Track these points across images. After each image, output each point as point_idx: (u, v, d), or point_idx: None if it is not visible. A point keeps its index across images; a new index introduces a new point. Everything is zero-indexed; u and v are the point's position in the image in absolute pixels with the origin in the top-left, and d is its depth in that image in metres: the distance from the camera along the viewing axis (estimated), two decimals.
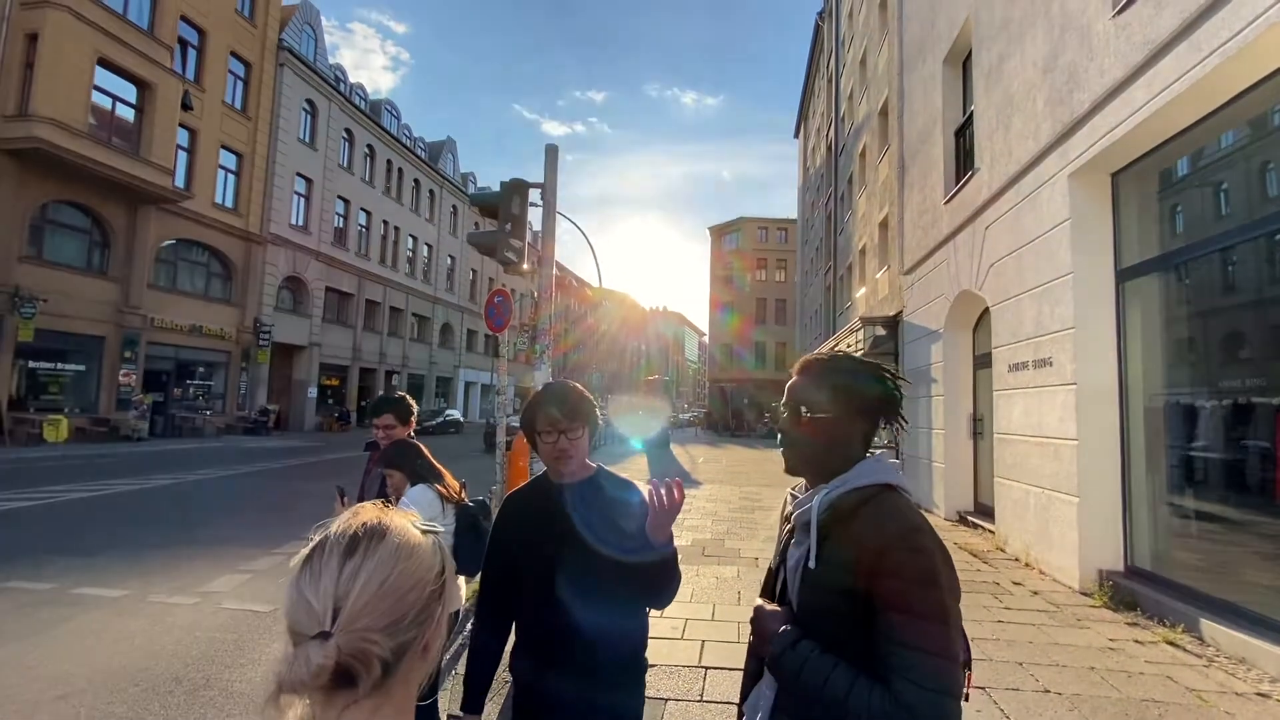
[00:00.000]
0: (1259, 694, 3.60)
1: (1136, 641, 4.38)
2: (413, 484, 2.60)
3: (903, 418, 1.23)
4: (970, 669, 1.24)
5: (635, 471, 14.49)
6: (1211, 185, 5.21)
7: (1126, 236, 5.83)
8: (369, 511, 0.72)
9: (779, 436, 1.26)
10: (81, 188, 17.10)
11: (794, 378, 1.26)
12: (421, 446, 2.74)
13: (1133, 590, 5.16)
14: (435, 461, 2.72)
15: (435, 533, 0.75)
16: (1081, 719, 3.28)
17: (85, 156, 16.17)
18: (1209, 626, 4.34)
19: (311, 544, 0.69)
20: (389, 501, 0.81)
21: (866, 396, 1.19)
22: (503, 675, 3.76)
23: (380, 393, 29.80)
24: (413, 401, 3.26)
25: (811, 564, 1.12)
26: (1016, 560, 6.75)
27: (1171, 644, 4.32)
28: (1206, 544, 5.10)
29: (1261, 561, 4.60)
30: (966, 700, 1.21)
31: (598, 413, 1.74)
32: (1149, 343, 5.65)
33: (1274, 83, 4.24)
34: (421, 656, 0.69)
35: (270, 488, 11.41)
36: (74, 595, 5.00)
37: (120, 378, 18.31)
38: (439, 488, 2.60)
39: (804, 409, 1.20)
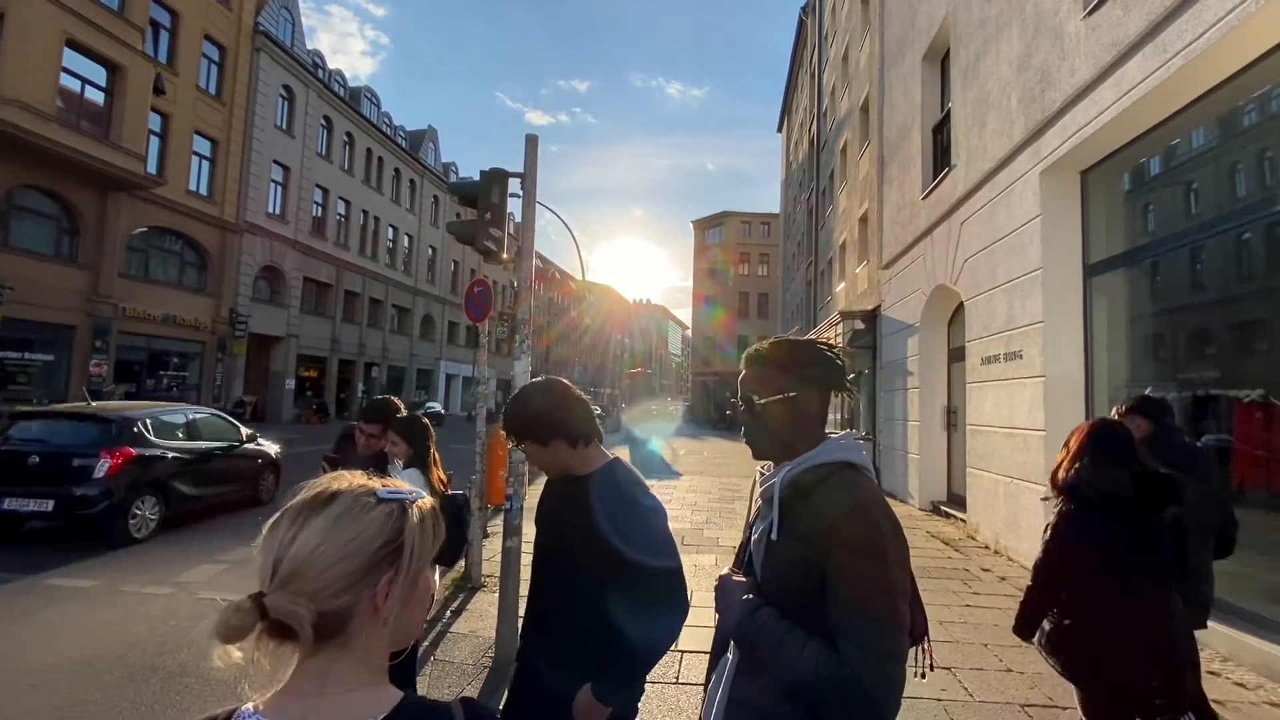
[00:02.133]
0: (1210, 672, 3.76)
1: None
2: (409, 464, 2.63)
3: (849, 388, 1.30)
4: (929, 640, 1.31)
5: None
6: (1175, 184, 5.37)
7: (1094, 233, 6.00)
8: (329, 480, 0.76)
9: (742, 428, 1.33)
10: (49, 172, 16.63)
11: (742, 372, 1.33)
12: (432, 432, 2.77)
13: None
14: (437, 452, 2.77)
15: (411, 502, 0.77)
16: (1040, 695, 3.41)
17: (53, 140, 15.72)
18: None
19: (282, 507, 0.74)
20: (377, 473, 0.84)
21: (809, 375, 1.25)
22: (483, 660, 3.81)
23: (361, 385, 29.22)
24: (402, 409, 3.15)
25: (774, 536, 1.17)
26: (986, 548, 6.93)
27: None
28: None
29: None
30: (930, 671, 1.30)
31: (569, 418, 1.69)
32: (1114, 336, 5.83)
33: (1234, 85, 4.39)
34: (373, 618, 0.72)
35: None
36: (46, 586, 4.94)
37: (91, 368, 17.91)
38: (432, 477, 2.65)
39: (755, 398, 1.27)
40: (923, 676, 1.30)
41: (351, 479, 0.77)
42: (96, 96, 17.51)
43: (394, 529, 0.73)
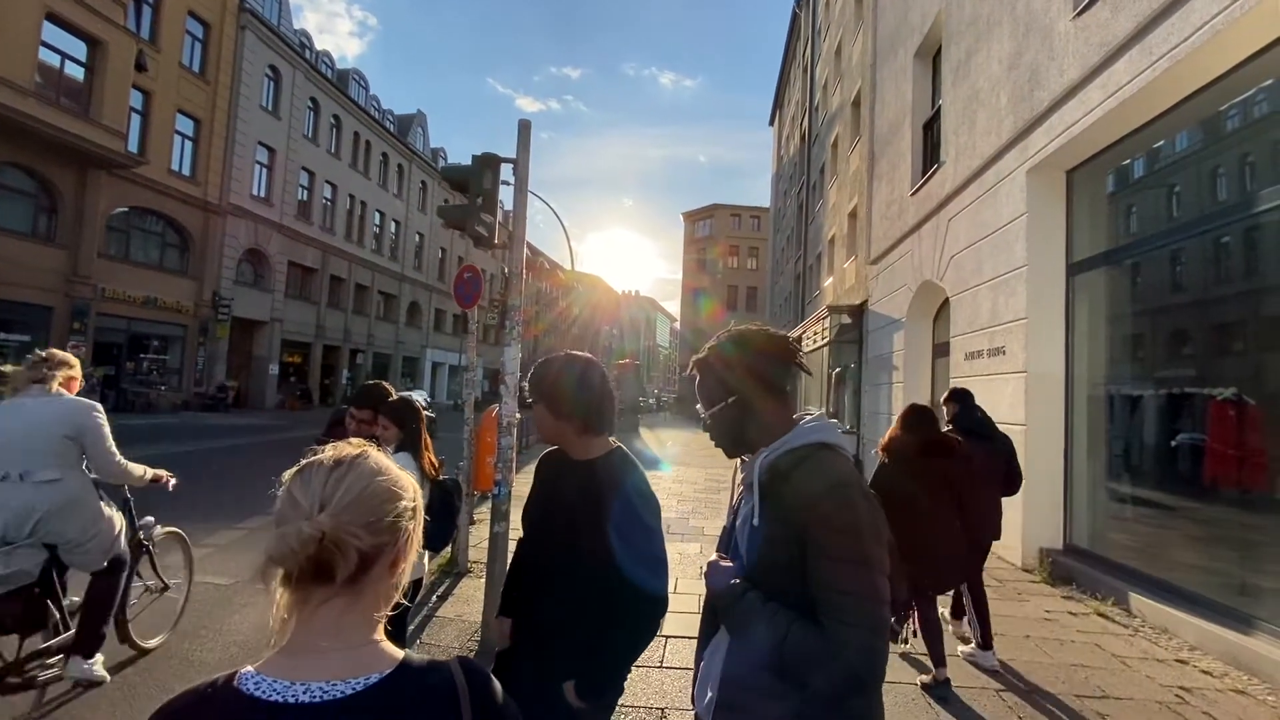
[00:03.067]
0: (1178, 660, 3.89)
1: (1070, 613, 4.67)
2: (400, 447, 2.61)
3: (801, 365, 1.33)
4: (914, 608, 1.38)
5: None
6: (1158, 186, 5.47)
7: (1078, 232, 6.09)
8: (356, 443, 0.81)
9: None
10: (27, 149, 16.24)
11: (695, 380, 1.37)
12: (424, 415, 2.75)
13: (1070, 567, 5.47)
14: (429, 436, 2.75)
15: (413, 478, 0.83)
16: (1016, 681, 3.50)
17: (31, 116, 15.35)
18: (1137, 600, 4.64)
19: (303, 461, 0.77)
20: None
21: (753, 367, 1.28)
22: (469, 644, 3.83)
23: (346, 372, 28.90)
24: (393, 393, 3.13)
25: (755, 521, 1.20)
26: None
27: (1102, 615, 4.61)
28: (1139, 525, 5.43)
29: (1187, 542, 4.94)
30: (914, 637, 1.34)
31: (587, 395, 1.70)
32: (1094, 334, 5.94)
33: (1217, 89, 4.47)
34: (390, 571, 0.77)
35: (230, 464, 11.17)
36: None
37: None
38: (424, 461, 2.63)
39: (710, 404, 1.32)
40: (905, 642, 1.38)
41: (367, 444, 0.82)
42: (76, 72, 17.11)
43: (416, 493, 0.81)
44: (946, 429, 3.98)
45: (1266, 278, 4.31)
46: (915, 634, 3.26)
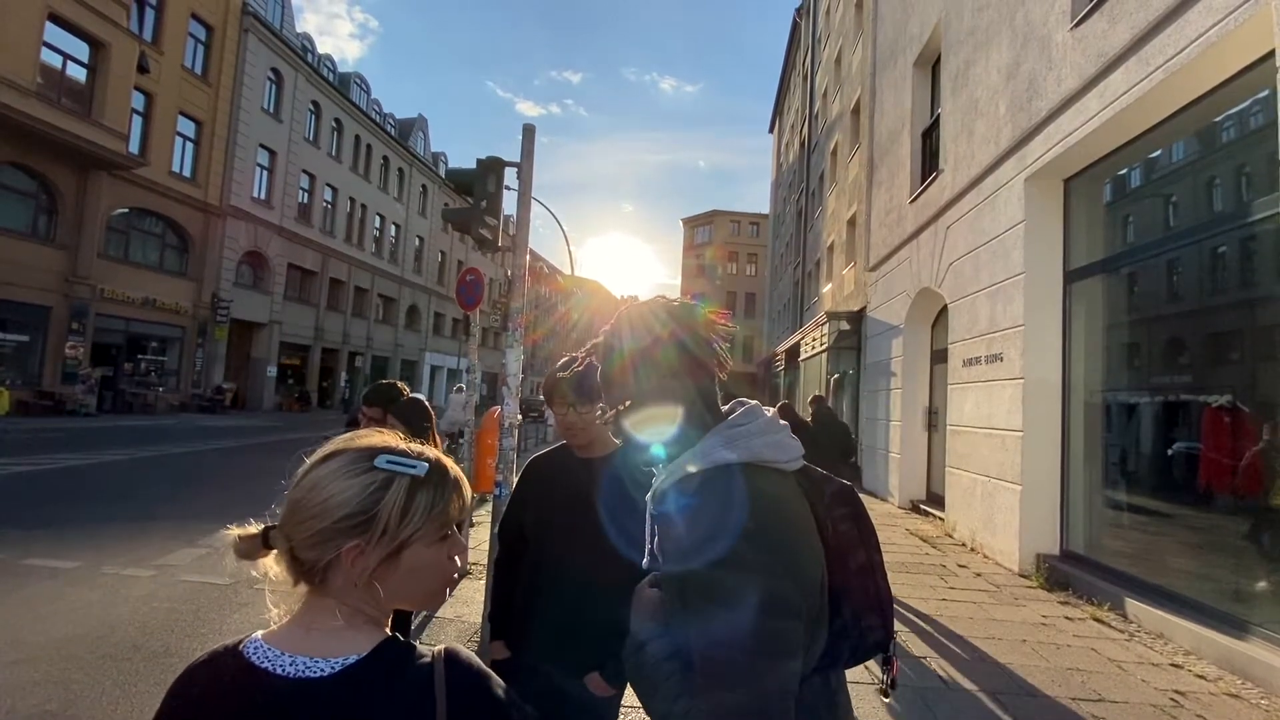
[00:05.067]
0: (1173, 664, 3.91)
1: (1067, 618, 4.69)
2: None
3: (720, 356, 1.00)
4: (893, 649, 1.00)
5: None
6: (1154, 195, 5.53)
7: (1075, 240, 6.15)
8: (358, 435, 0.81)
9: None
10: (28, 149, 16.26)
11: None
12: (432, 415, 2.77)
13: (1066, 572, 5.49)
14: (438, 436, 2.77)
15: (408, 475, 0.77)
16: (1013, 684, 3.53)
17: (33, 117, 15.38)
18: (1133, 605, 4.67)
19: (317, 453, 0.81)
20: None
21: (630, 361, 0.98)
22: (469, 645, 3.84)
23: (344, 374, 28.86)
24: (406, 393, 3.08)
25: (645, 561, 1.02)
26: (963, 545, 7.09)
27: (1098, 620, 4.64)
28: (1134, 531, 5.46)
29: (1182, 547, 4.97)
30: (893, 689, 1.02)
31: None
32: (1091, 341, 5.98)
33: (1212, 100, 4.53)
34: (348, 577, 0.74)
35: (228, 465, 11.17)
36: (24, 566, 4.87)
37: (67, 350, 17.57)
38: None
39: (610, 427, 1.04)
40: (885, 695, 1.06)
41: (373, 439, 0.80)
42: (78, 73, 17.17)
43: (368, 501, 0.73)
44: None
45: (1261, 286, 4.36)
46: (894, 685, 1.19)
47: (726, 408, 1.01)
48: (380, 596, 0.76)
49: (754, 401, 1.02)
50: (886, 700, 3.34)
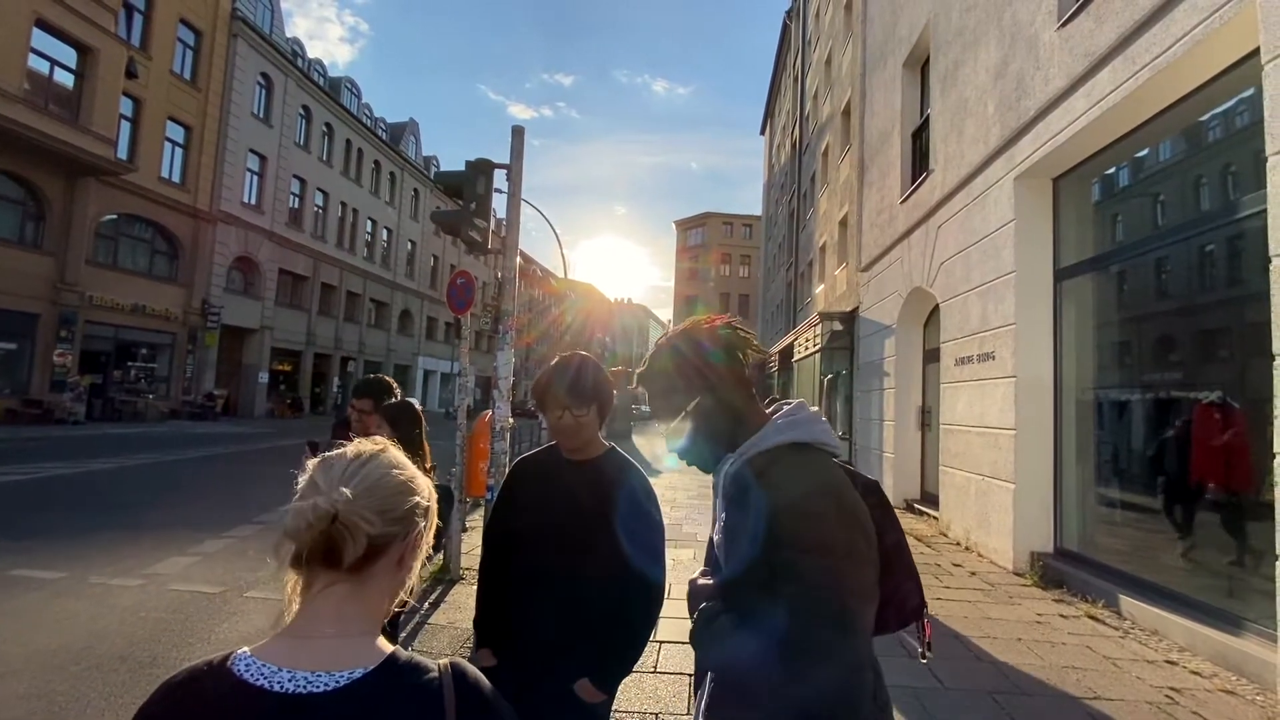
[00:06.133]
0: (1168, 661, 3.91)
1: (1061, 616, 4.69)
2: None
3: (755, 349, 1.18)
4: (927, 617, 1.17)
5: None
6: (1142, 193, 5.56)
7: (1065, 238, 6.17)
8: (379, 442, 0.84)
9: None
10: (15, 156, 16.12)
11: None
12: (423, 418, 2.73)
13: (1060, 570, 5.50)
14: (426, 440, 2.74)
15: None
16: (1008, 684, 3.52)
17: (19, 123, 15.25)
18: (1127, 602, 4.68)
19: (326, 455, 0.82)
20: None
21: (709, 361, 1.13)
22: (461, 651, 3.80)
23: (337, 380, 28.76)
24: (395, 387, 3.11)
25: (716, 536, 1.11)
26: (957, 544, 7.09)
27: (1093, 618, 4.64)
28: (1128, 528, 5.48)
29: (1176, 544, 4.98)
30: (929, 651, 1.17)
31: (610, 390, 1.74)
32: (1082, 338, 6.01)
33: (1198, 98, 4.56)
34: (396, 566, 0.79)
35: (219, 472, 11.07)
36: (8, 578, 4.80)
37: (55, 358, 17.41)
38: (418, 464, 2.61)
39: (672, 415, 1.17)
40: (923, 658, 1.19)
41: (387, 444, 0.85)
42: (66, 79, 17.06)
43: (430, 494, 0.84)
44: None
45: (1249, 283, 4.37)
46: (929, 647, 1.72)
47: (769, 407, 1.16)
48: (390, 599, 0.80)
49: (797, 400, 1.16)
50: (924, 662, 3.31)
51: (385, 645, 0.75)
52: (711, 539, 1.25)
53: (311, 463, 0.79)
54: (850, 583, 0.93)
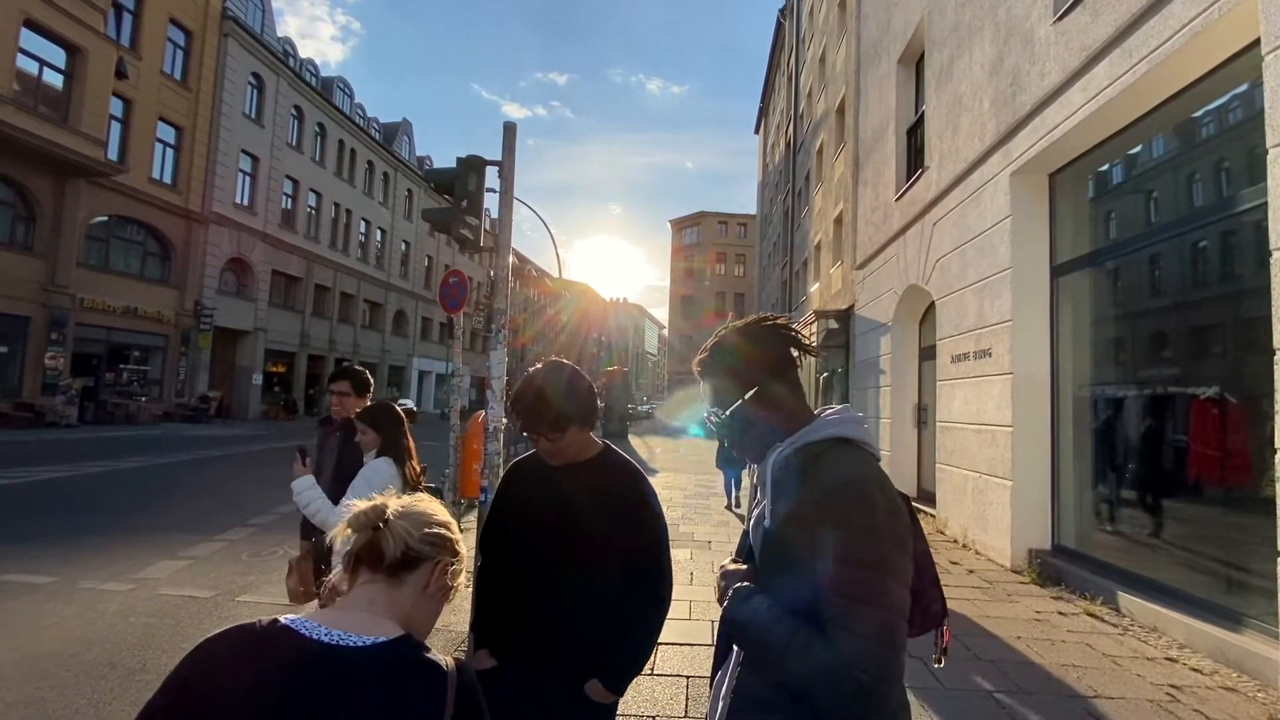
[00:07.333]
0: (1167, 658, 3.90)
1: (1060, 613, 4.67)
2: (381, 452, 2.55)
3: (802, 350, 1.24)
4: (947, 622, 1.23)
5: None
6: (1138, 189, 5.54)
7: (1061, 234, 6.15)
8: (424, 494, 1.10)
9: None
10: (4, 157, 15.97)
11: (700, 387, 1.29)
12: (405, 419, 2.70)
13: (1058, 567, 5.48)
14: (411, 440, 2.70)
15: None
16: (1008, 683, 3.49)
17: (8, 124, 15.11)
18: (1125, 599, 4.66)
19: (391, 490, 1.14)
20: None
21: (763, 357, 1.20)
22: (456, 654, 3.75)
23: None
24: (369, 376, 3.22)
25: (767, 522, 1.13)
26: (955, 542, 7.08)
27: (1091, 615, 4.62)
28: (1126, 524, 5.46)
29: (1173, 539, 4.96)
30: (945, 656, 1.22)
31: (588, 399, 1.69)
32: (1078, 335, 5.99)
33: (1194, 92, 4.54)
34: (423, 590, 0.97)
35: (211, 475, 10.98)
36: None
37: (46, 360, 17.26)
38: (406, 469, 2.57)
39: (717, 413, 1.24)
40: (938, 662, 1.24)
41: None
42: (55, 79, 16.92)
43: (459, 544, 1.05)
44: None
45: (1245, 279, 4.36)
46: (946, 651, 1.53)
47: (822, 408, 1.22)
48: (417, 615, 0.97)
49: (841, 406, 1.22)
50: (939, 666, 3.26)
51: (403, 630, 0.91)
52: (746, 530, 1.31)
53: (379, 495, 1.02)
54: (894, 565, 0.99)
